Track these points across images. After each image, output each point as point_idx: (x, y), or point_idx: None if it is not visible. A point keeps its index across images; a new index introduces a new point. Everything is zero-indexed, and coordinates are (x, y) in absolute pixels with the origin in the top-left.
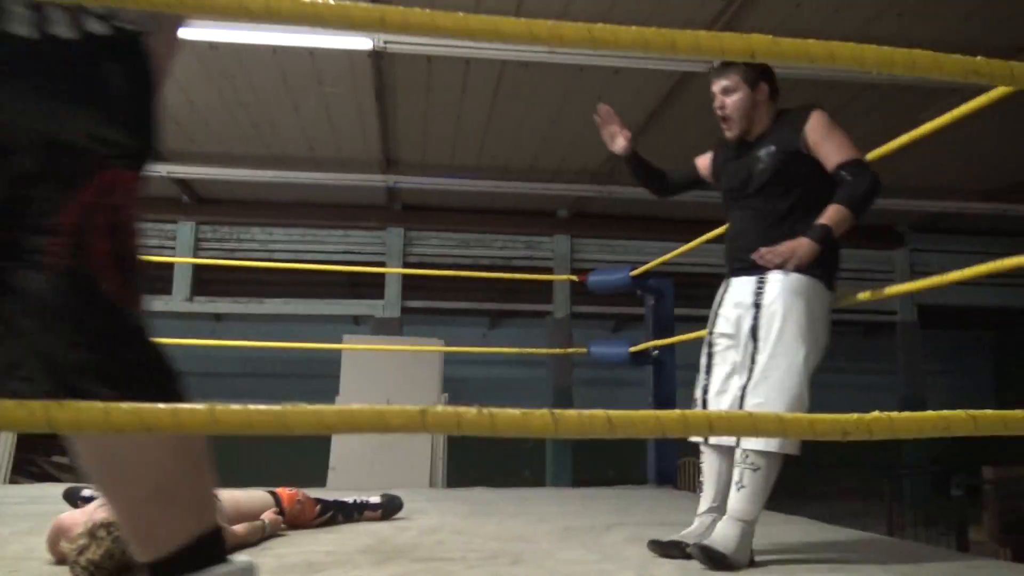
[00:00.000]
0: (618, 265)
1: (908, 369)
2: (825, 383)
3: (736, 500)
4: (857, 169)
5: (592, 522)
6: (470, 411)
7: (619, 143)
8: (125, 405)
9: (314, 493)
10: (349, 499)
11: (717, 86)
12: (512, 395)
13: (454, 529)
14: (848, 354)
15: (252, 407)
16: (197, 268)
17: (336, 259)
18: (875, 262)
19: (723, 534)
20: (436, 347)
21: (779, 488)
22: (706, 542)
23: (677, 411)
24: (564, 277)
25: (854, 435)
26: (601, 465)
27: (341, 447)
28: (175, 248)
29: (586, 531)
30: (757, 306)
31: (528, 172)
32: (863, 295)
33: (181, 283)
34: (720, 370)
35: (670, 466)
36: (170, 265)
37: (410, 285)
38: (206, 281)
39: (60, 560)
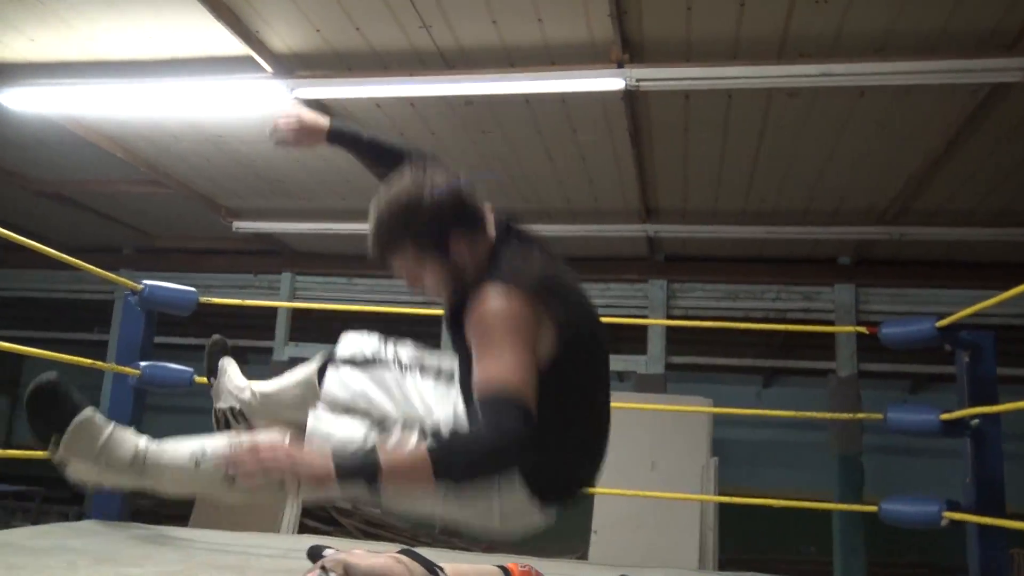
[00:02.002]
0: (914, 316)
1: None
2: None
3: None
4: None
5: None
6: None
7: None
8: None
9: (557, 569)
10: None
11: None
12: (788, 460)
13: None
14: None
15: None
16: None
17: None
18: None
19: None
20: (705, 408)
21: None
22: None
23: None
24: (850, 328)
25: None
26: (900, 546)
27: (605, 507)
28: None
29: None
30: None
31: (802, 215)
32: None
33: None
34: None
35: (999, 558)
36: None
37: (675, 339)
38: None
39: None
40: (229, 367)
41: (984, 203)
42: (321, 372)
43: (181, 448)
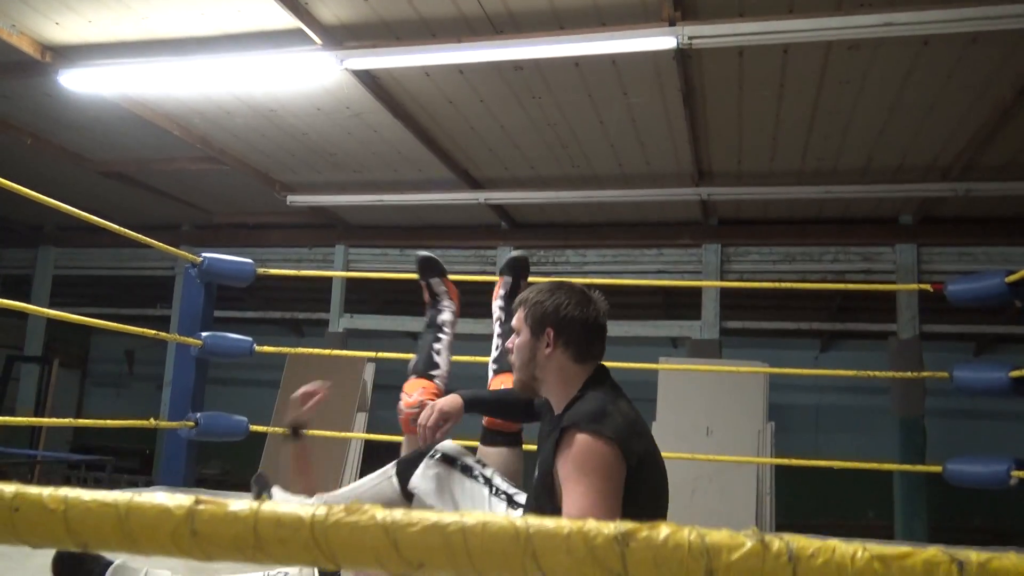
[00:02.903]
0: (982, 273)
1: None
2: None
3: None
4: None
5: None
6: None
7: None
8: None
9: None
10: None
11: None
12: (848, 426)
13: None
14: None
15: None
16: None
17: (651, 279)
18: None
19: None
20: (759, 368)
21: None
22: None
23: None
24: (914, 287)
25: None
26: (964, 509)
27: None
28: (496, 271)
29: None
30: None
31: (862, 173)
32: None
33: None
34: None
35: None
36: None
37: (729, 304)
38: None
39: None
40: (277, 494)
41: None
42: (400, 474)
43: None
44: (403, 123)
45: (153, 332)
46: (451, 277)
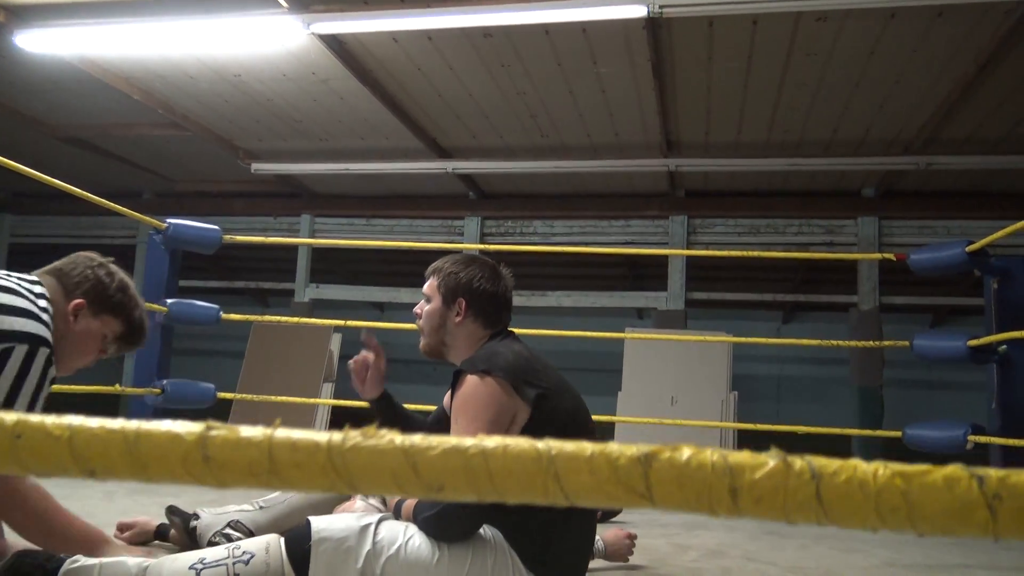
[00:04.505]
0: (944, 243)
1: None
2: None
3: None
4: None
5: (924, 559)
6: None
7: (373, 388)
8: None
9: None
10: None
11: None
12: (809, 396)
13: (744, 553)
14: None
15: None
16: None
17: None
18: None
19: None
20: (723, 338)
21: None
22: None
23: None
24: (878, 256)
25: None
26: None
27: (626, 439)
28: (463, 241)
29: (917, 571)
30: None
31: (826, 146)
32: None
33: None
34: None
35: None
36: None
37: (695, 276)
38: None
39: None
40: (202, 512)
41: (1015, 130)
42: None
43: (179, 561)
44: (370, 90)
45: None
46: (418, 245)
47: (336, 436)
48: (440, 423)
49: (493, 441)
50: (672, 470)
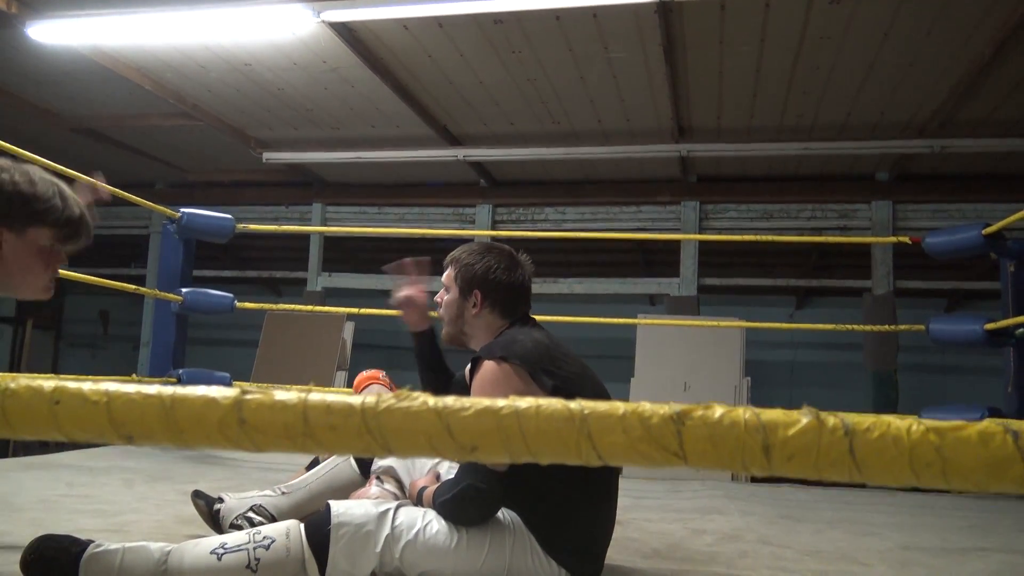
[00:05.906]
0: (959, 226)
1: None
2: None
3: None
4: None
5: (940, 542)
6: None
7: (424, 320)
8: None
9: None
10: None
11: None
12: (822, 381)
13: (760, 537)
14: None
15: None
16: None
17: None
18: None
19: None
20: (736, 323)
21: None
22: None
23: None
24: (892, 239)
25: None
26: None
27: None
28: (475, 228)
29: (933, 555)
30: None
31: (839, 130)
32: None
33: None
34: None
35: None
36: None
37: (707, 263)
38: None
39: None
40: (226, 496)
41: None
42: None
43: (200, 546)
44: (381, 78)
45: (133, 287)
46: (430, 232)
47: (370, 399)
48: (461, 389)
49: (526, 402)
50: (705, 428)
